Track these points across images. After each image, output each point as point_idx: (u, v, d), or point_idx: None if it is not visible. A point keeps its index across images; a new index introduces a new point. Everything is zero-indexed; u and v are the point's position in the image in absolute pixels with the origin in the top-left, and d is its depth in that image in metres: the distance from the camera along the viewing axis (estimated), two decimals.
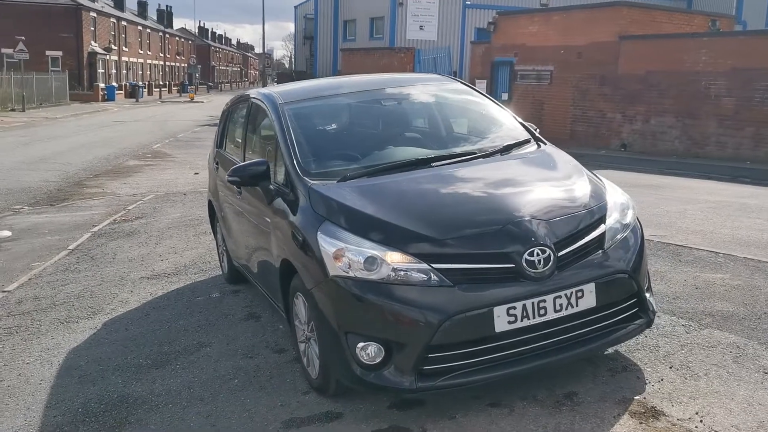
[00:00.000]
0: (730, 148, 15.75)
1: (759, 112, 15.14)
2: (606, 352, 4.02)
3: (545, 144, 4.53)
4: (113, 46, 53.94)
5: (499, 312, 3.20)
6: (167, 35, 70.85)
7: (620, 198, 3.88)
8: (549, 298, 3.28)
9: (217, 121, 6.52)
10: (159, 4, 71.04)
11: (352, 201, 3.65)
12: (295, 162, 4.07)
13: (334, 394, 3.68)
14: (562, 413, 3.36)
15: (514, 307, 3.22)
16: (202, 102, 51.23)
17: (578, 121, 18.61)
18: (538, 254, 3.29)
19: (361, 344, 3.27)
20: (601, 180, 4.05)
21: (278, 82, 41.77)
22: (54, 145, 20.60)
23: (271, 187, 4.21)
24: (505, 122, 4.75)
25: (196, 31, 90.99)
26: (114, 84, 51.96)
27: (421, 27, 29.92)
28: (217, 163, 6.04)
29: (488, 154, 4.27)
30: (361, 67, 27.30)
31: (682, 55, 16.26)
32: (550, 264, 3.30)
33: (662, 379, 3.67)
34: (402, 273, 3.24)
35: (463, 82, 5.25)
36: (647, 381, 3.66)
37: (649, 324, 3.69)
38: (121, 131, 26.05)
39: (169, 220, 9.80)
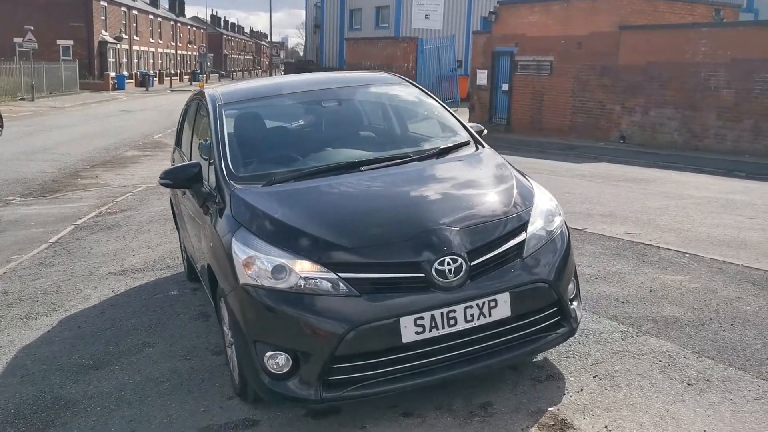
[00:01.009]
0: (729, 140, 15.51)
1: (758, 104, 14.88)
2: (534, 360, 3.97)
3: (483, 147, 4.45)
4: (124, 35, 54.10)
5: (406, 322, 3.16)
6: (179, 24, 70.95)
7: (547, 204, 3.80)
8: (459, 308, 3.23)
9: None
10: None
11: (268, 207, 3.62)
12: (223, 165, 4.04)
13: (253, 401, 3.67)
14: (473, 425, 3.32)
15: (422, 318, 3.18)
16: None
17: (578, 113, 18.41)
18: (448, 263, 3.24)
19: (269, 353, 3.24)
20: (531, 184, 3.98)
21: (285, 72, 41.70)
22: (57, 135, 20.75)
23: (204, 189, 4.19)
24: (448, 124, 4.68)
25: (209, 19, 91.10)
26: (124, 73, 52.18)
27: (426, 16, 29.70)
28: (173, 161, 6.03)
29: (423, 157, 4.21)
30: (365, 56, 27.22)
31: (682, 45, 16.00)
32: (461, 274, 3.25)
33: (582, 390, 3.61)
34: (310, 282, 3.20)
35: (412, 83, 5.16)
36: (566, 391, 3.60)
37: (571, 333, 3.64)
38: (126, 121, 26.22)
39: (151, 213, 9.84)
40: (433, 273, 3.21)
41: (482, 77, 21.04)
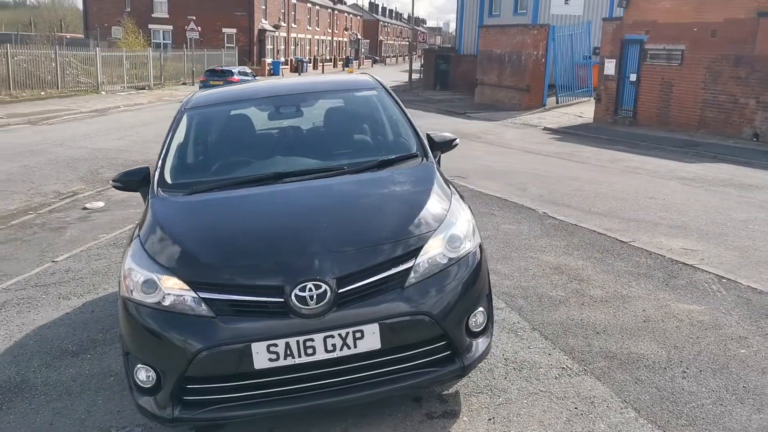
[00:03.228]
0: None
1: None
2: (445, 392, 3.74)
3: (426, 160, 4.21)
4: (282, 23, 56.72)
5: (258, 348, 3.08)
6: (336, 12, 73.18)
7: (458, 229, 3.51)
8: (318, 337, 3.10)
9: None
10: None
11: (167, 218, 3.68)
12: (158, 171, 4.15)
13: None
14: None
15: (276, 345, 3.09)
16: None
17: (708, 107, 16.81)
18: (310, 290, 3.11)
19: (138, 366, 3.30)
20: (449, 206, 3.65)
21: (423, 59, 41.67)
22: None
23: (148, 195, 4.32)
24: (403, 136, 4.48)
25: (367, 6, 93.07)
26: (281, 59, 54.75)
27: (566, 1, 28.38)
28: None
29: (357, 170, 4.07)
30: (496, 44, 26.55)
31: None
32: (324, 301, 3.11)
33: None
34: (173, 299, 3.22)
35: (387, 91, 4.93)
36: None
37: (462, 371, 3.36)
38: None
39: None
40: (293, 299, 3.10)
41: (610, 67, 19.80)
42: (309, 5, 64.34)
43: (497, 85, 26.59)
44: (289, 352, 3.10)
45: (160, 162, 4.25)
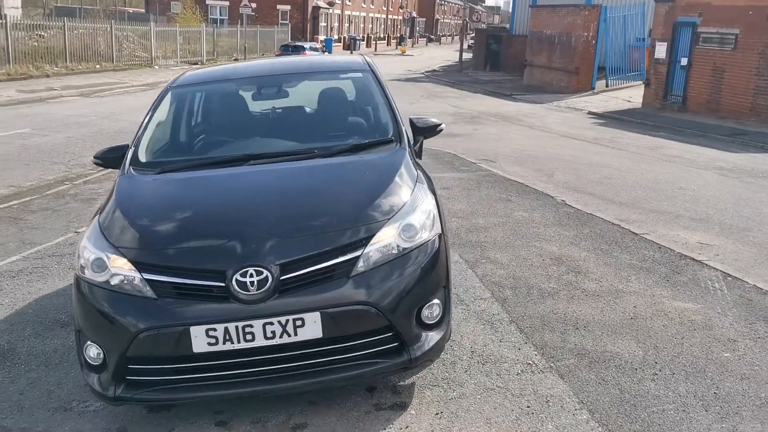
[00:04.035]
0: None
1: None
2: (401, 383, 3.67)
3: (400, 146, 4.10)
4: (336, 1, 56.60)
5: (197, 332, 3.07)
6: None
7: (415, 219, 3.40)
8: (257, 323, 3.07)
9: (411, 77, 6.63)
10: None
11: (127, 197, 3.70)
12: (132, 149, 4.17)
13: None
14: None
15: (215, 329, 3.07)
16: (411, 56, 52.13)
17: (761, 94, 16.05)
18: (251, 275, 3.08)
19: (87, 343, 3.33)
20: (411, 195, 3.53)
21: (475, 39, 40.95)
22: None
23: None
24: (383, 120, 4.38)
25: None
26: (334, 36, 54.73)
27: None
28: None
29: (327, 154, 4.01)
30: (546, 24, 25.91)
31: None
32: (265, 287, 3.08)
33: (407, 428, 3.28)
34: (119, 279, 3.23)
35: (374, 74, 4.79)
36: (391, 427, 3.29)
37: (409, 364, 3.28)
38: None
39: None
40: (233, 284, 3.08)
41: (661, 50, 19.07)
42: None
43: (546, 67, 26.00)
44: (228, 337, 3.08)
45: (135, 140, 4.27)
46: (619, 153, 12.37)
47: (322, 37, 52.17)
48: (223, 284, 3.10)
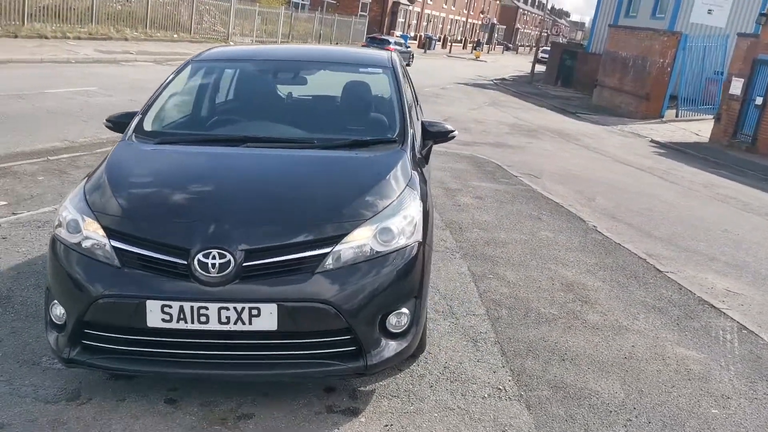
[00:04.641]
0: None
1: None
2: (361, 388, 3.56)
3: (401, 147, 3.98)
4: None
5: (152, 306, 3.04)
6: None
7: (395, 223, 3.29)
8: (213, 306, 3.03)
9: (479, 82, 6.63)
10: None
11: (115, 163, 3.72)
12: (139, 116, 4.20)
13: None
14: (211, 430, 3.13)
15: (170, 306, 3.03)
16: (485, 62, 51.64)
17: None
18: (214, 257, 3.04)
19: (53, 302, 3.34)
20: (397, 199, 3.43)
21: (550, 52, 40.20)
22: None
23: None
24: (393, 119, 4.27)
25: None
26: (411, 33, 54.70)
27: (709, 11, 26.43)
28: None
29: (326, 146, 3.94)
30: (623, 46, 25.22)
31: None
32: (226, 271, 3.03)
33: None
34: (90, 243, 3.23)
35: (395, 74, 4.65)
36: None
37: (364, 370, 3.19)
38: None
39: None
40: (195, 263, 3.04)
41: (737, 86, 18.30)
42: None
43: (617, 89, 25.33)
44: (182, 316, 3.04)
45: (143, 108, 4.29)
46: (671, 186, 11.93)
47: (398, 33, 52.22)
48: (185, 262, 3.06)
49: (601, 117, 22.65)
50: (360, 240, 3.21)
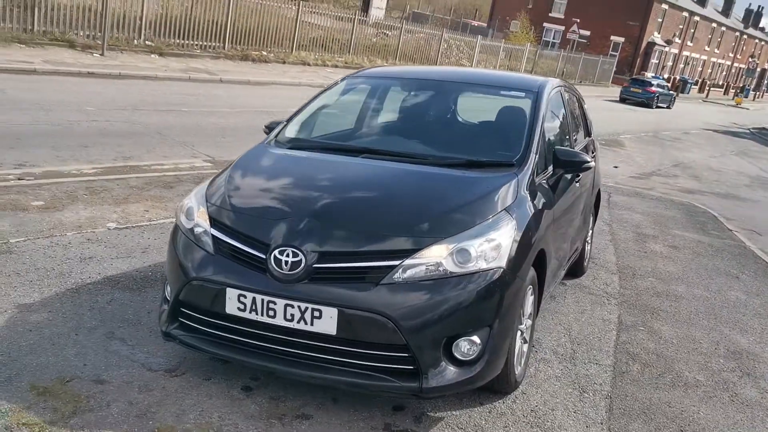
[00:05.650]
0: None
1: None
2: (431, 413, 3.41)
3: (515, 174, 3.80)
4: (676, 40, 53.31)
5: (231, 294, 3.23)
6: (745, 36, 65.89)
7: (476, 245, 3.18)
8: (279, 302, 3.14)
9: (732, 130, 6.64)
10: (750, 3, 66.27)
11: (243, 162, 4.05)
12: (283, 124, 4.54)
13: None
14: (281, 427, 3.22)
15: (245, 296, 3.20)
16: (747, 109, 47.02)
17: None
18: (288, 255, 3.16)
19: (167, 281, 3.69)
20: (492, 220, 3.35)
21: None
22: None
23: None
24: (514, 144, 4.10)
25: None
26: (664, 75, 51.63)
27: None
28: None
29: (437, 164, 3.94)
30: None
31: None
32: (298, 269, 3.14)
33: None
34: (199, 230, 3.53)
35: (537, 101, 4.42)
36: None
37: (418, 392, 3.10)
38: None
39: None
40: (271, 258, 3.19)
41: None
42: (714, 25, 59.14)
43: None
44: (254, 307, 3.20)
45: (289, 117, 4.60)
46: None
47: (649, 74, 49.56)
48: (263, 256, 3.23)
49: None
50: (433, 257, 3.14)
